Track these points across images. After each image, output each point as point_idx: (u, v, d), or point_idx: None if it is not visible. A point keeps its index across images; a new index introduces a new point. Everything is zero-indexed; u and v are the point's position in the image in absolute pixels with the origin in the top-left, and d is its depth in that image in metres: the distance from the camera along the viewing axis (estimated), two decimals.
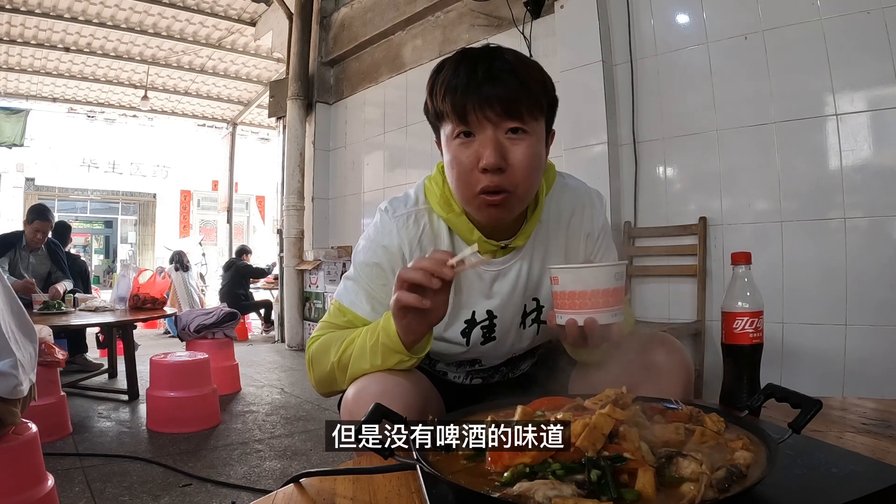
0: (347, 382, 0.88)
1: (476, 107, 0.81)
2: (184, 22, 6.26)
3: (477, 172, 0.83)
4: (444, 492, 0.55)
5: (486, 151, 0.81)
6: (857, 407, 0.97)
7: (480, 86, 0.81)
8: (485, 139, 0.82)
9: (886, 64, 2.13)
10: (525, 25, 3.27)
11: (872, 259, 2.19)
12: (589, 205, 1.00)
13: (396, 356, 0.84)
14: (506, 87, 0.81)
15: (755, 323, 0.92)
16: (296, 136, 5.27)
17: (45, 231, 3.71)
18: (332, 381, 0.92)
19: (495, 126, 0.82)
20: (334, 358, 0.89)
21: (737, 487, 0.50)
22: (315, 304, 5.16)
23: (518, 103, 0.82)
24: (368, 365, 0.86)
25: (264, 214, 13.57)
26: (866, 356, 2.19)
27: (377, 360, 0.85)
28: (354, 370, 0.87)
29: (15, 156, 10.27)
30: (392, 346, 0.84)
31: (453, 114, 0.83)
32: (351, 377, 0.87)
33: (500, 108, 0.81)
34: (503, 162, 0.81)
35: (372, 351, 0.86)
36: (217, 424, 2.73)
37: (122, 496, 1.87)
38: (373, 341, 0.86)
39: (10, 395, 1.20)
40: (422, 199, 0.96)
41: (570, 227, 0.99)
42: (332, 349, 0.90)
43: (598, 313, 0.76)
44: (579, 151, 2.93)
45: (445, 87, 0.83)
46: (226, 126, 9.41)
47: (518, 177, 0.83)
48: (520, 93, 0.82)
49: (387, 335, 0.84)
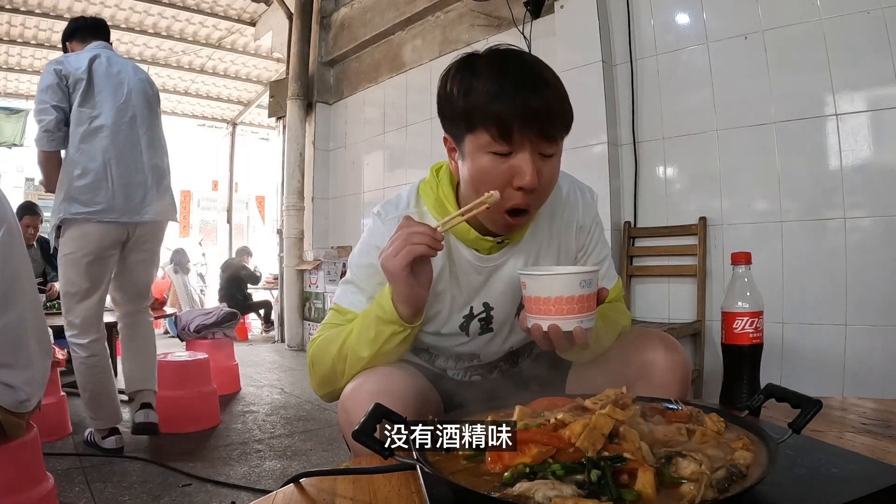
0: (346, 378, 0.89)
1: (521, 128, 0.80)
2: (184, 22, 6.26)
3: (510, 189, 0.83)
4: (444, 492, 0.55)
5: (526, 171, 0.81)
6: (857, 407, 0.97)
7: (527, 105, 0.79)
8: (524, 159, 0.81)
9: (886, 64, 2.13)
10: (525, 25, 3.27)
11: (872, 259, 2.19)
12: (581, 198, 1.03)
13: (390, 327, 0.85)
14: (551, 113, 0.82)
15: (755, 323, 0.92)
16: (296, 136, 5.27)
17: (35, 226, 3.74)
18: (333, 378, 0.92)
19: (534, 146, 0.82)
20: (334, 350, 0.90)
21: (737, 487, 0.50)
22: (315, 304, 5.15)
23: (558, 130, 0.83)
24: (367, 349, 0.87)
25: (264, 214, 13.54)
26: (866, 356, 2.19)
27: (370, 333, 0.86)
28: (353, 360, 0.88)
29: (15, 156, 10.25)
30: (386, 318, 0.85)
31: (495, 128, 0.80)
32: (350, 368, 0.89)
33: (543, 133, 0.81)
34: (539, 180, 0.83)
35: (365, 328, 0.87)
36: (217, 424, 2.73)
37: (122, 496, 1.87)
38: (367, 320, 0.88)
39: (17, 410, 1.19)
40: (412, 202, 0.98)
41: (564, 220, 1.01)
42: (333, 344, 0.91)
43: (563, 320, 0.77)
44: (579, 151, 2.93)
45: (488, 97, 0.80)
46: (226, 126, 9.41)
47: (543, 195, 0.87)
48: (560, 118, 0.83)
49: (381, 308, 0.86)
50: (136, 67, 2.48)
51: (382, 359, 0.89)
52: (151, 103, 2.45)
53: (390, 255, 0.80)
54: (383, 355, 0.88)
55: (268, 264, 7.93)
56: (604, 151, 2.87)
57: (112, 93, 2.31)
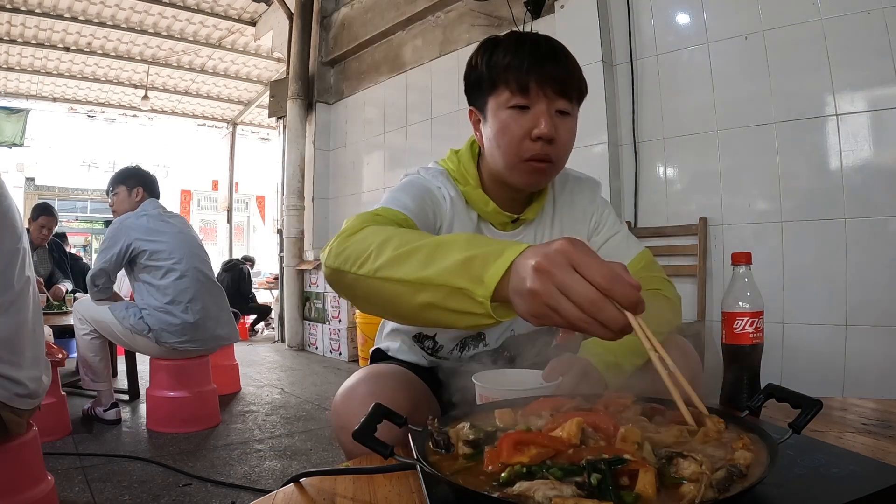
0: (370, 273, 0.67)
1: (538, 82, 0.88)
2: (184, 22, 6.26)
3: (528, 141, 0.90)
4: (444, 492, 0.55)
5: (542, 121, 0.88)
6: (857, 407, 0.97)
7: (544, 64, 0.89)
8: (540, 111, 0.89)
9: (886, 64, 2.13)
10: (525, 25, 3.27)
11: (872, 259, 2.19)
12: (587, 182, 1.13)
13: (464, 300, 0.59)
14: (565, 71, 0.90)
15: (755, 323, 0.91)
16: (296, 136, 5.27)
17: (50, 227, 3.73)
18: (359, 260, 0.69)
19: (550, 102, 0.90)
20: (393, 238, 0.68)
21: (737, 487, 0.50)
22: (315, 304, 5.15)
23: (571, 87, 0.91)
24: (418, 266, 0.62)
25: (264, 214, 13.56)
26: (866, 356, 2.19)
27: (430, 269, 0.61)
28: (390, 261, 0.66)
29: (15, 156, 10.26)
30: (470, 280, 0.58)
31: (515, 84, 0.89)
32: (381, 268, 0.66)
33: (558, 88, 0.90)
34: (556, 133, 0.90)
35: (439, 255, 0.62)
36: (217, 424, 2.73)
37: (121, 496, 1.87)
38: (451, 251, 0.62)
39: (21, 406, 1.20)
40: (438, 174, 1.03)
41: (574, 202, 1.09)
42: (398, 229, 0.74)
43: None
44: (579, 151, 2.91)
45: (510, 58, 0.90)
46: (226, 126, 9.42)
47: (561, 150, 0.93)
48: (573, 78, 0.92)
49: (486, 261, 0.58)
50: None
51: (398, 305, 0.66)
52: None
53: (575, 294, 0.51)
54: (414, 307, 0.64)
55: (268, 264, 7.92)
56: (604, 151, 2.87)
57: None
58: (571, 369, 0.80)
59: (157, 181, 2.88)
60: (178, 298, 2.56)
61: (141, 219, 2.61)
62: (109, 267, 2.55)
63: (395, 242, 0.67)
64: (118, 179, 2.77)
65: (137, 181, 2.77)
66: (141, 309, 2.56)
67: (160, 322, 2.53)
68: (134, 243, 2.54)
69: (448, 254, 0.61)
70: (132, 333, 2.53)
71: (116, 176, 2.80)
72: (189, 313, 2.57)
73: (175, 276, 2.57)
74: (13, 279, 1.17)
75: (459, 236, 0.64)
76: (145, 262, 2.56)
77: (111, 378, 2.81)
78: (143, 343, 2.58)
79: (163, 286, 2.56)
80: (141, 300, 2.59)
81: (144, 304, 2.56)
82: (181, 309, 2.55)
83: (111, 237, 2.56)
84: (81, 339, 2.65)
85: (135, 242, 2.54)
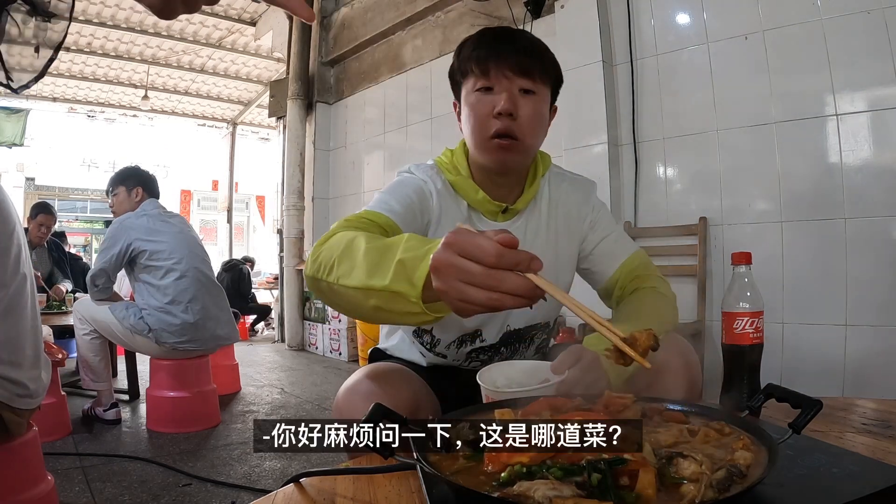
0: (335, 281, 0.72)
1: (496, 64, 0.94)
2: (184, 22, 6.25)
3: (491, 119, 0.95)
4: (444, 492, 0.55)
5: (501, 99, 0.94)
6: (857, 407, 0.97)
7: (502, 48, 0.96)
8: (500, 90, 0.95)
9: (886, 64, 2.13)
10: (525, 25, 3.27)
11: (872, 259, 2.19)
12: (582, 183, 1.14)
13: (402, 302, 0.63)
14: (524, 52, 0.96)
15: (755, 323, 0.91)
16: (296, 136, 5.27)
17: (48, 225, 3.73)
18: (327, 268, 0.74)
19: (510, 82, 0.95)
20: (351, 244, 0.73)
21: (737, 487, 0.50)
22: (315, 304, 5.15)
23: (531, 67, 0.96)
24: (364, 274, 0.67)
25: (264, 214, 13.56)
26: (866, 356, 2.19)
27: (378, 271, 0.66)
28: (346, 269, 0.70)
29: (15, 155, 10.26)
30: (404, 281, 0.63)
31: (477, 69, 0.96)
32: (341, 276, 0.71)
33: (517, 68, 0.94)
34: (515, 109, 0.94)
35: (383, 261, 0.66)
36: (217, 424, 2.73)
37: (121, 496, 1.87)
38: (392, 256, 0.65)
39: (22, 406, 1.20)
40: (431, 169, 1.07)
41: (569, 202, 1.10)
42: (360, 235, 0.75)
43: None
44: (579, 151, 2.93)
45: (473, 47, 0.98)
46: (226, 126, 9.41)
47: (525, 127, 0.95)
48: (534, 59, 0.96)
49: (413, 263, 0.62)
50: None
51: (355, 302, 0.71)
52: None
53: (473, 279, 0.54)
54: (369, 308, 0.69)
55: (268, 264, 7.92)
56: (604, 151, 2.87)
57: None
58: (580, 361, 0.81)
59: (156, 181, 2.88)
60: (178, 298, 2.56)
61: (141, 219, 2.60)
62: (109, 267, 2.55)
63: (351, 250, 0.72)
64: (118, 180, 2.77)
65: (137, 181, 2.77)
66: (141, 309, 2.56)
67: (160, 322, 2.53)
68: (134, 243, 2.54)
69: (390, 258, 0.65)
70: (132, 333, 2.53)
71: (116, 176, 2.80)
72: (189, 313, 2.57)
73: (175, 276, 2.57)
74: (4, 276, 1.14)
75: (401, 239, 0.68)
76: (145, 262, 2.56)
77: (111, 378, 2.81)
78: (143, 343, 2.58)
79: (163, 286, 2.56)
80: (141, 300, 2.59)
81: (144, 304, 2.56)
82: (181, 309, 2.55)
83: (111, 237, 2.56)
84: (81, 339, 2.65)
85: (135, 242, 2.54)
